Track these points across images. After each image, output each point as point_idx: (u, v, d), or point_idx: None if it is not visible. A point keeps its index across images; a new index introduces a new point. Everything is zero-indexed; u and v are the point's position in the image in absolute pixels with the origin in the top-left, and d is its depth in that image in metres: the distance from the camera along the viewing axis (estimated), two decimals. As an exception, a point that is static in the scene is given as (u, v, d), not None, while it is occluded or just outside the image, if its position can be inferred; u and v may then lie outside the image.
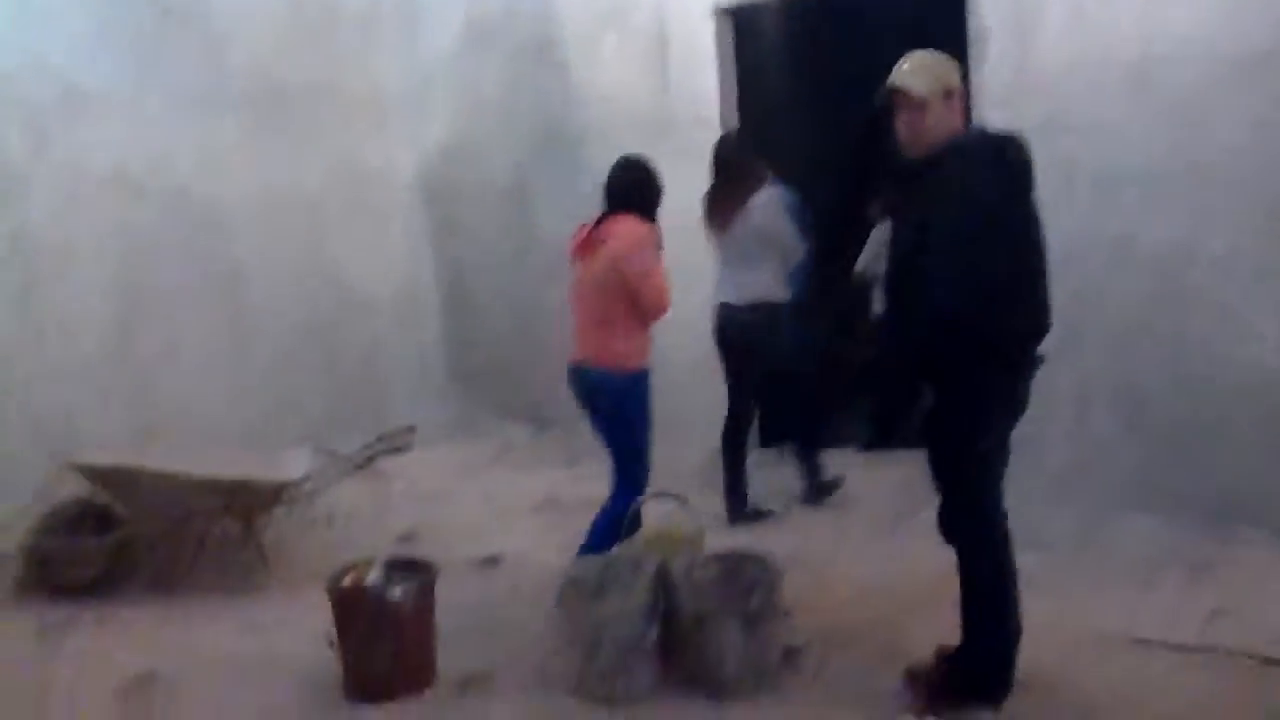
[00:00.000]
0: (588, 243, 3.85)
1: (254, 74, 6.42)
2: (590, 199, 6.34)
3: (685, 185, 5.78)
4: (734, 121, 5.82)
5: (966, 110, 3.02)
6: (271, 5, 6.56)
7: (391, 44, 7.26)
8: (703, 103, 5.79)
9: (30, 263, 5.39)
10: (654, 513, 3.82)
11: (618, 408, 3.82)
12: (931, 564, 3.36)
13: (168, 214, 5.99)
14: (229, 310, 6.34)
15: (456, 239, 7.34)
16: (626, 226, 3.77)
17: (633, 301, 3.71)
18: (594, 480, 5.48)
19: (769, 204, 4.86)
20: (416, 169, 7.36)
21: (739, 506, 4.93)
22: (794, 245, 4.89)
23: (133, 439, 5.44)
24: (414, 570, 3.47)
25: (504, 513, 5.19)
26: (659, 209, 3.96)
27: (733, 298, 4.88)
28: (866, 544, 4.48)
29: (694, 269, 5.74)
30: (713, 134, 5.67)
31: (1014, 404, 2.95)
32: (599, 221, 3.87)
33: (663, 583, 3.25)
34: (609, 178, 4.00)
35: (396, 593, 3.30)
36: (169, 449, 4.84)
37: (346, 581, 3.37)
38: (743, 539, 4.34)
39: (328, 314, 6.84)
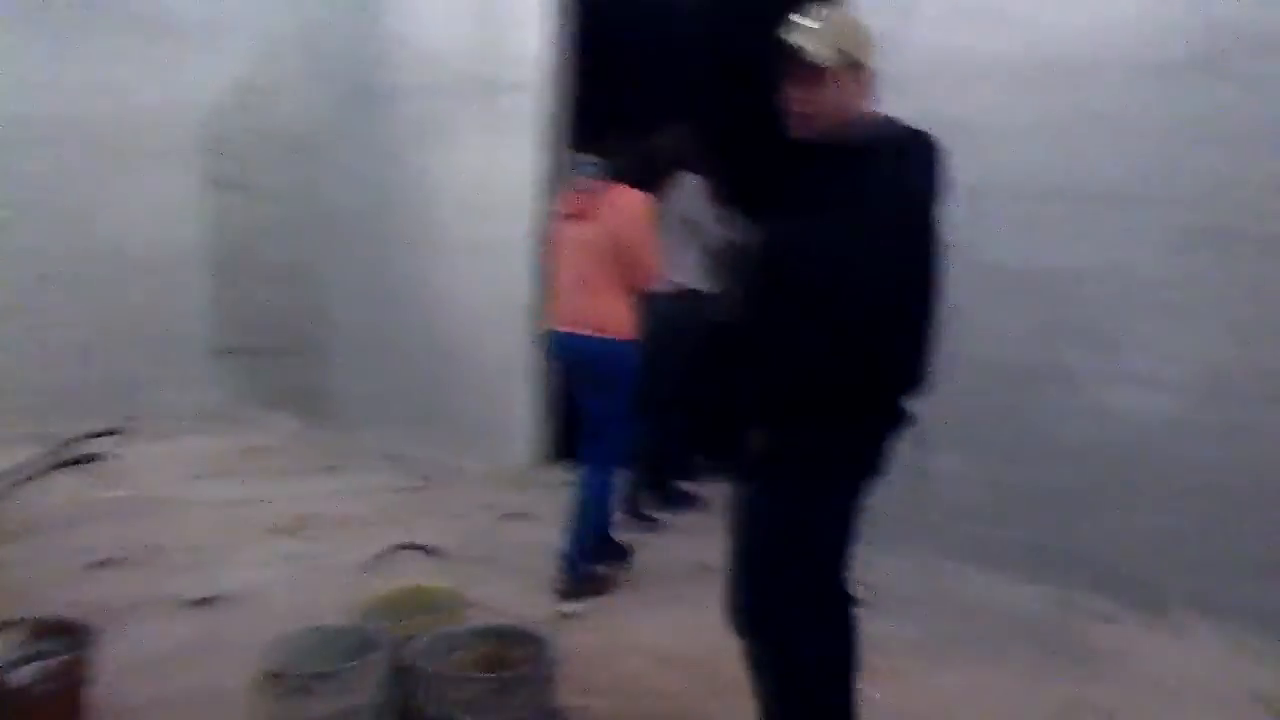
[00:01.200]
0: (584, 208, 3.68)
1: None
2: (394, 160, 5.62)
3: (505, 152, 5.06)
4: (565, 87, 5.02)
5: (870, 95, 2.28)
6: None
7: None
8: (528, 64, 4.98)
9: None
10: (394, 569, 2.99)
11: (615, 375, 3.67)
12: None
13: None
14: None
15: (238, 194, 6.29)
16: (627, 197, 3.63)
17: (627, 271, 3.62)
18: (358, 494, 4.68)
19: (693, 189, 4.42)
20: (200, 109, 6.27)
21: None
22: (716, 234, 4.48)
23: None
24: (71, 638, 2.57)
25: (240, 532, 4.22)
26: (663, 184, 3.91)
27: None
28: (669, 600, 3.75)
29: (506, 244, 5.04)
30: (538, 100, 4.92)
31: (869, 466, 2.25)
32: (594, 189, 3.68)
33: (399, 673, 2.44)
34: (615, 146, 3.81)
35: (23, 675, 2.39)
36: None
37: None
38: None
39: (76, 266, 5.77)
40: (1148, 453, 3.62)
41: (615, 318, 3.64)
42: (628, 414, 3.72)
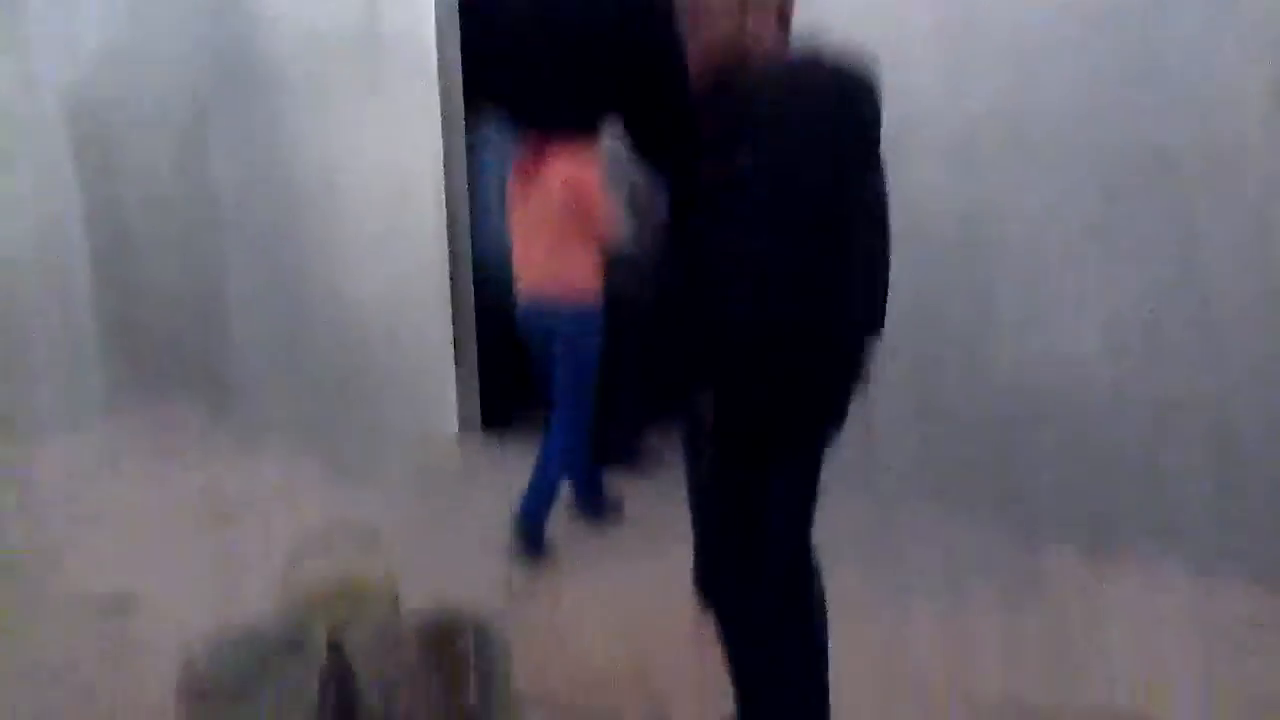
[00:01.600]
0: (528, 171, 3.55)
1: None
2: (276, 132, 5.27)
3: (396, 112, 4.76)
4: (455, 44, 4.70)
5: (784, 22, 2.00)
6: None
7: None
8: (414, 21, 4.64)
9: None
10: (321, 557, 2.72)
11: (579, 341, 3.57)
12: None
13: None
14: None
15: (113, 179, 5.87)
16: (568, 152, 3.46)
17: (583, 228, 3.49)
18: (275, 477, 4.41)
19: (617, 140, 4.10)
20: (62, 88, 5.81)
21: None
22: (642, 187, 4.18)
23: None
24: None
25: (152, 526, 3.91)
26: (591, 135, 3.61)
27: None
28: (626, 564, 3.57)
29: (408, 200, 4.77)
30: (428, 77, 4.60)
31: (825, 411, 2.05)
32: (536, 147, 3.53)
33: (336, 672, 2.22)
34: (538, 96, 3.45)
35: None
36: None
37: None
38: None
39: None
40: (1096, 392, 3.52)
41: (580, 279, 3.54)
42: (590, 381, 3.61)
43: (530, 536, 3.54)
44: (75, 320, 5.83)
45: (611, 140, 4.15)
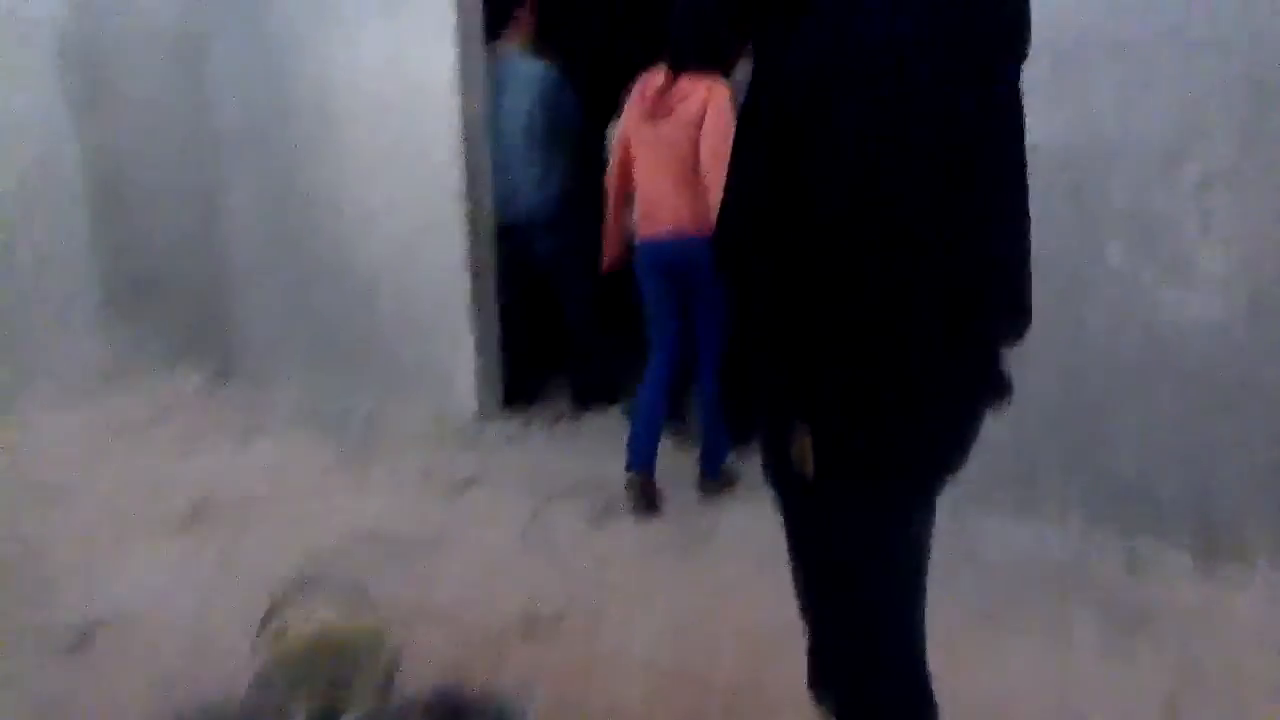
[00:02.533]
0: (659, 105, 3.42)
1: None
2: (287, 61, 4.79)
3: (414, 40, 4.27)
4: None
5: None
6: None
7: None
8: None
9: None
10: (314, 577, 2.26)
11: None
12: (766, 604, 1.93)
13: None
14: None
15: (106, 112, 5.38)
16: (703, 86, 3.35)
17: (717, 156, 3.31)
18: (273, 467, 3.98)
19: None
20: (49, 13, 5.33)
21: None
22: None
23: None
24: None
25: (132, 526, 3.48)
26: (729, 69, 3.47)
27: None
28: (662, 582, 3.11)
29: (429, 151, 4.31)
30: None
31: (954, 447, 1.58)
32: (668, 81, 3.41)
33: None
34: (673, 24, 3.40)
35: None
36: None
37: None
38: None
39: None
40: (1216, 369, 3.01)
41: (713, 216, 3.21)
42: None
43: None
44: (71, 271, 5.37)
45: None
